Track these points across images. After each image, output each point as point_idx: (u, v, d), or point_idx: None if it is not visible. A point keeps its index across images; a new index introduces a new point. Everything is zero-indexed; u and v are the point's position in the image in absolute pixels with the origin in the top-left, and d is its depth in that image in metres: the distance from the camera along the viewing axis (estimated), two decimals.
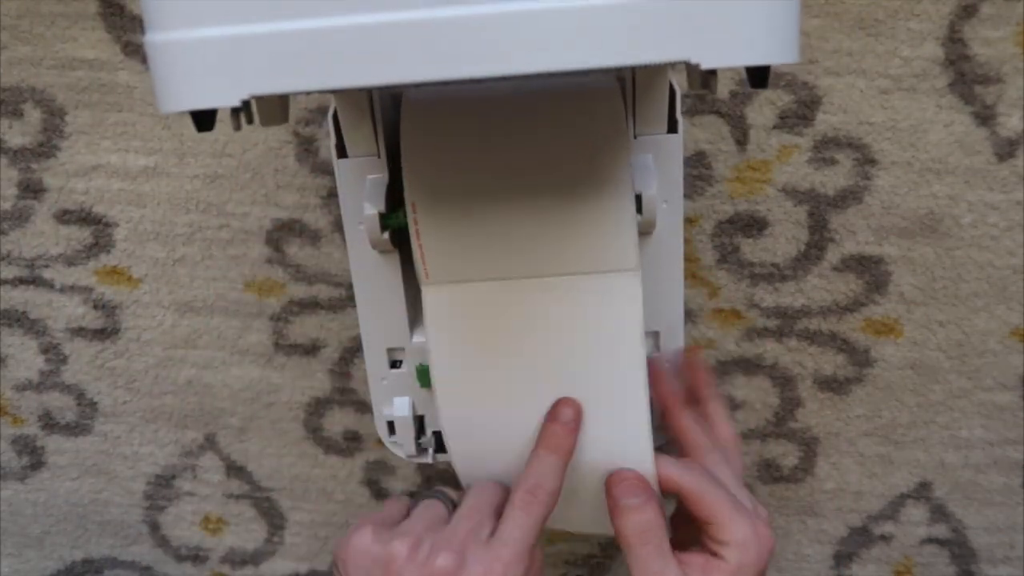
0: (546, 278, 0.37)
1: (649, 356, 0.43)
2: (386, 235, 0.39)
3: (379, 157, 0.39)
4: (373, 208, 0.38)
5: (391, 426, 0.45)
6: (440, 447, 0.46)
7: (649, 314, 0.42)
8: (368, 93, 0.37)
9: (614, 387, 0.38)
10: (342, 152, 0.39)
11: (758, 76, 0.25)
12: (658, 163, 0.39)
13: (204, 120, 0.26)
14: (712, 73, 0.29)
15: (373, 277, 0.42)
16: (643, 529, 0.36)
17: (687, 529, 0.38)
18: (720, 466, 0.39)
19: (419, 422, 0.45)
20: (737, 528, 0.36)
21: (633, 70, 0.37)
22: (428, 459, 0.45)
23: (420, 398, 0.44)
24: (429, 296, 0.38)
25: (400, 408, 0.44)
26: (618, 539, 0.37)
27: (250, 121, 0.28)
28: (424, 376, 0.43)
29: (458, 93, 0.37)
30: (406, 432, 0.44)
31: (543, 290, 0.37)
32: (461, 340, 0.38)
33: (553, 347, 0.38)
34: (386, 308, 0.43)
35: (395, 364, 0.44)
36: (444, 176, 0.36)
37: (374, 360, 0.44)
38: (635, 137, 0.39)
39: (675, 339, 0.43)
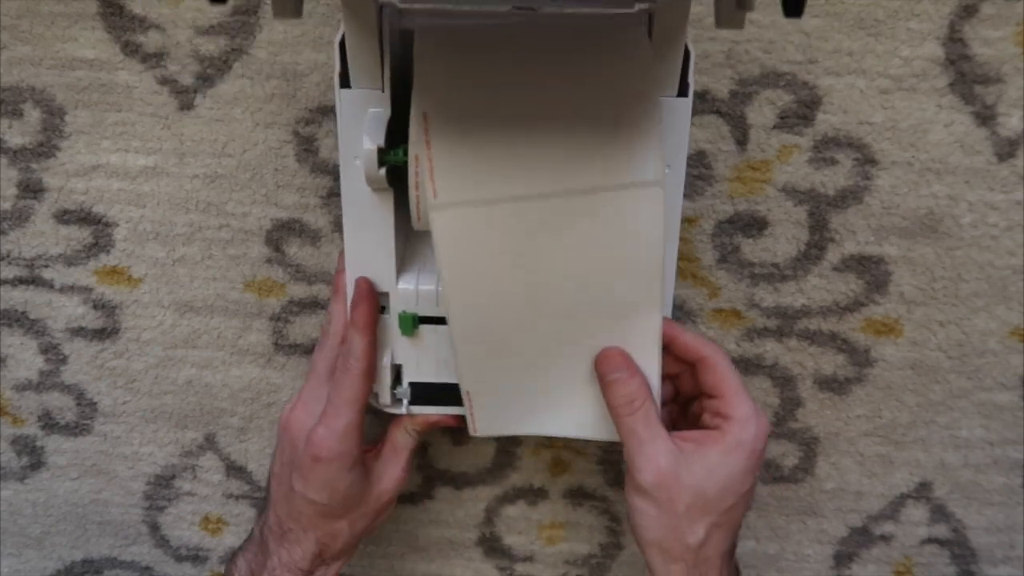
0: (562, 198, 0.35)
1: None
2: (382, 171, 0.38)
3: (383, 91, 0.38)
4: (372, 143, 0.38)
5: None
6: (415, 399, 0.45)
7: None
8: (378, 20, 0.36)
9: (630, 302, 0.38)
10: (345, 82, 0.39)
11: (794, 0, 0.24)
12: (666, 126, 0.39)
13: None
14: None
15: (365, 216, 0.41)
16: (629, 399, 0.38)
17: (687, 415, 0.42)
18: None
19: (396, 371, 0.44)
20: (740, 404, 0.38)
21: (650, 26, 0.36)
22: (403, 410, 0.45)
23: (399, 347, 0.44)
24: (438, 220, 0.35)
25: (383, 356, 0.44)
26: (612, 417, 0.39)
27: None
28: (407, 324, 0.42)
29: (474, 26, 0.36)
30: (382, 382, 0.44)
31: (559, 212, 0.36)
32: (473, 263, 0.37)
33: (570, 267, 0.37)
34: (374, 250, 0.42)
35: (381, 310, 0.43)
36: (458, 89, 0.35)
37: None
38: None
39: (664, 304, 0.43)
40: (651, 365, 0.40)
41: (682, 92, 0.39)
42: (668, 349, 0.40)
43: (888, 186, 0.47)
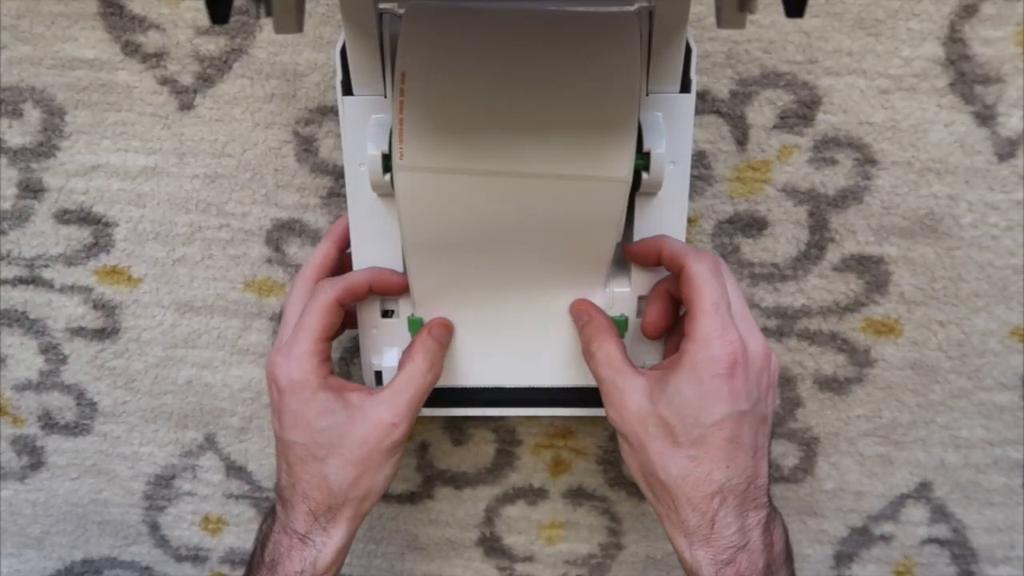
0: (529, 179, 0.36)
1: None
2: (387, 177, 0.38)
3: (385, 97, 0.39)
4: (376, 149, 0.38)
5: (378, 376, 0.45)
6: (425, 401, 0.45)
7: (647, 278, 0.43)
8: (378, 27, 0.37)
9: (579, 280, 0.41)
10: (347, 89, 0.39)
11: (795, 1, 0.24)
12: (668, 122, 0.39)
13: (219, 10, 0.24)
14: None
15: (371, 222, 0.41)
16: (587, 343, 0.40)
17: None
18: (729, 275, 0.39)
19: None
20: (705, 322, 0.35)
21: (651, 23, 0.36)
22: None
23: None
24: (401, 180, 0.36)
25: (390, 358, 0.44)
26: (585, 358, 0.41)
27: (269, 13, 0.27)
28: (415, 328, 0.43)
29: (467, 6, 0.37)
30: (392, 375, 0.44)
31: (521, 190, 0.37)
32: (433, 221, 0.38)
33: (526, 240, 0.39)
34: (382, 255, 0.42)
35: (387, 313, 0.44)
36: (441, 57, 0.36)
37: (366, 308, 0.43)
38: (647, 94, 0.39)
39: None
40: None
41: (685, 88, 0.39)
42: (660, 261, 0.40)
43: (888, 186, 0.47)
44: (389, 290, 0.42)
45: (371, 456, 0.39)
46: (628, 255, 0.41)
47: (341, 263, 0.44)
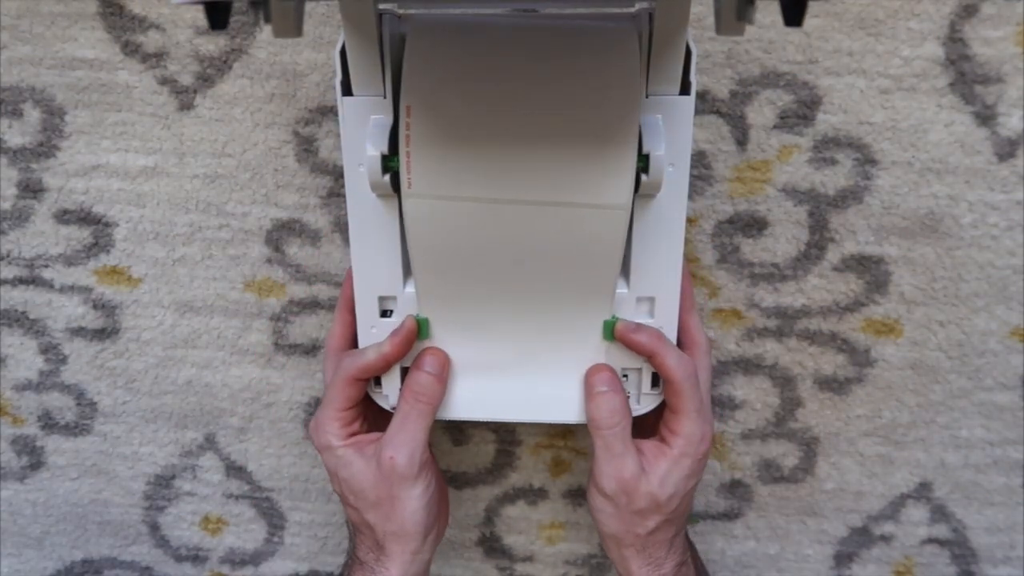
0: (531, 206, 0.38)
1: (643, 323, 0.44)
2: (387, 178, 0.38)
3: (384, 98, 0.39)
4: (375, 149, 0.38)
5: (377, 378, 0.45)
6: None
7: (646, 280, 0.43)
8: (378, 27, 0.37)
9: (583, 307, 0.42)
10: (347, 90, 0.39)
11: (794, 10, 0.24)
12: (668, 125, 0.39)
13: (218, 16, 0.24)
14: (750, 1, 0.28)
15: (370, 223, 0.42)
16: (610, 412, 0.42)
17: (650, 422, 0.45)
18: (705, 370, 0.44)
19: (404, 374, 0.44)
20: (691, 424, 0.42)
21: (651, 25, 0.37)
22: None
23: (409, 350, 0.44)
24: (409, 206, 0.38)
25: None
26: (589, 424, 0.43)
27: (268, 19, 0.27)
28: (424, 328, 0.43)
29: (470, 20, 0.37)
30: (392, 384, 0.44)
31: (525, 216, 0.38)
32: (440, 245, 0.39)
33: (529, 266, 0.40)
34: (381, 255, 0.42)
35: (385, 314, 0.44)
36: (444, 86, 0.36)
37: (364, 308, 0.44)
38: (647, 96, 0.39)
39: (671, 306, 0.43)
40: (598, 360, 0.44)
41: (684, 91, 0.39)
42: (649, 361, 0.43)
43: (888, 186, 0.47)
44: (406, 351, 0.44)
45: (386, 492, 0.42)
46: (618, 335, 0.43)
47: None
